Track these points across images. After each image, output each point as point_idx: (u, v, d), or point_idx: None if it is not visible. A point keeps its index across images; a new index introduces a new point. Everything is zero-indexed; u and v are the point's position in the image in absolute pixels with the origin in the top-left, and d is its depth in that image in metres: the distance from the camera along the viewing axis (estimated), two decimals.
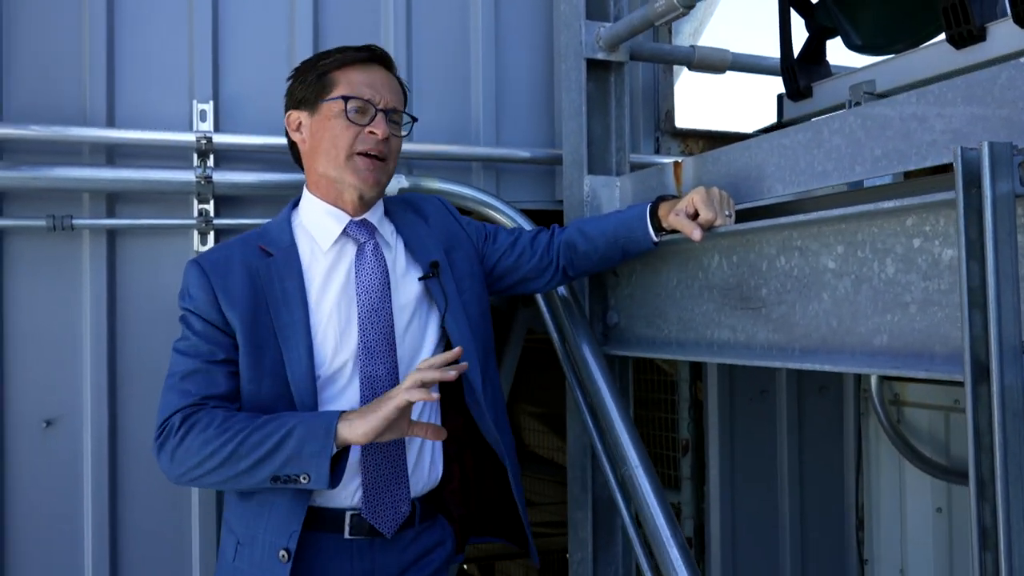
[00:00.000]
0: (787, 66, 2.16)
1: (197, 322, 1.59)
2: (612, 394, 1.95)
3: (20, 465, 2.05)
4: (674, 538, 1.71)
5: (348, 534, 1.61)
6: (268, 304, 1.60)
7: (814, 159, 1.61)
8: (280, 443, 1.47)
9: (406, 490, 1.65)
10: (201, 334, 1.58)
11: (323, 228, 1.68)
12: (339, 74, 1.65)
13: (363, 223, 1.69)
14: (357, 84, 1.64)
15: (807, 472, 2.88)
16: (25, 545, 2.05)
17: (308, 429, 1.47)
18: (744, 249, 1.73)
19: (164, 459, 1.56)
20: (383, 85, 1.67)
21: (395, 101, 1.69)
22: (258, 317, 1.58)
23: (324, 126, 1.65)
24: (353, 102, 1.63)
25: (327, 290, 1.64)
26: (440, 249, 1.76)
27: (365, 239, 1.68)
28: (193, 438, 1.51)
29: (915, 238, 1.37)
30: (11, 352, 2.05)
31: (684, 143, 2.68)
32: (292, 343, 1.58)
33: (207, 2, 2.22)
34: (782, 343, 1.64)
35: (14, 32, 2.07)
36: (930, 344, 1.34)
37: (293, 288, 1.61)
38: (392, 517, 1.64)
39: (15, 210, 2.06)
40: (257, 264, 1.62)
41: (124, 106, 2.15)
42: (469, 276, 1.79)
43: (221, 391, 1.57)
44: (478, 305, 1.79)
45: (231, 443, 1.48)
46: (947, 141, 1.36)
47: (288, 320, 1.59)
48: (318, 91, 1.66)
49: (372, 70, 1.67)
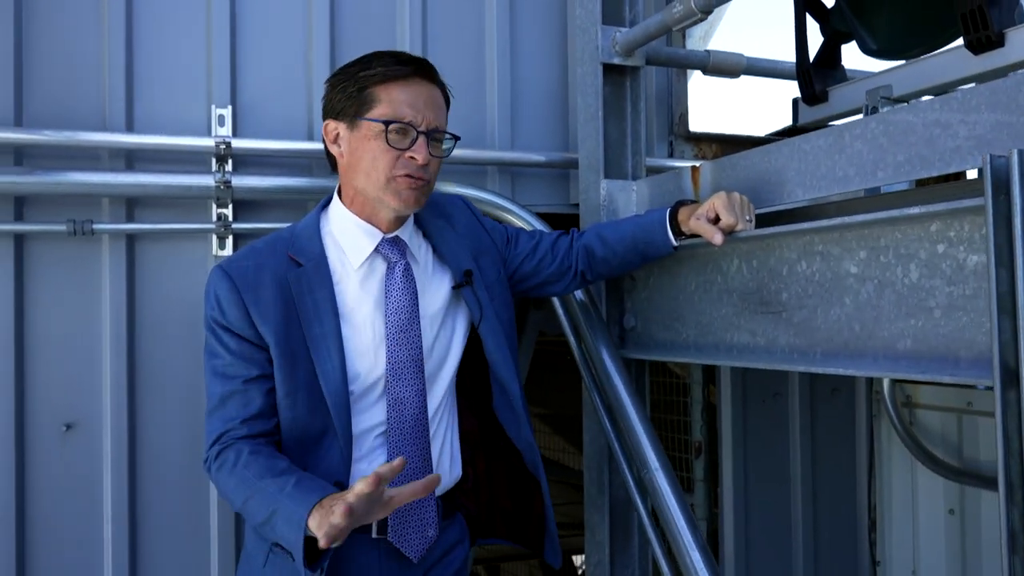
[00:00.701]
0: (803, 70, 2.17)
1: (231, 340, 1.57)
2: (631, 397, 1.96)
3: (40, 468, 2.06)
4: (695, 541, 1.72)
5: (375, 534, 1.63)
6: (300, 316, 1.57)
7: (835, 164, 1.62)
8: (270, 518, 1.44)
9: (432, 513, 1.65)
10: (235, 352, 1.57)
11: (355, 244, 1.64)
12: (380, 90, 1.57)
13: (395, 241, 1.67)
14: (399, 104, 1.57)
15: (819, 474, 2.89)
16: (45, 547, 2.06)
17: (287, 516, 1.41)
18: (764, 253, 1.74)
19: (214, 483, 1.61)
20: (426, 103, 1.59)
21: (437, 120, 1.61)
22: (290, 330, 1.57)
23: (363, 145, 1.59)
24: (394, 126, 1.56)
25: (358, 305, 1.63)
26: (470, 256, 1.75)
27: (396, 259, 1.65)
28: (220, 481, 1.55)
29: (939, 244, 1.38)
30: (31, 356, 2.06)
31: (698, 147, 2.69)
32: (324, 355, 1.57)
33: (225, 8, 2.23)
34: (803, 347, 1.65)
35: (34, 38, 2.08)
36: (955, 349, 1.35)
37: (324, 300, 1.59)
38: (418, 542, 1.64)
39: (35, 215, 2.07)
40: (287, 275, 1.59)
41: (143, 111, 2.17)
42: (497, 282, 1.78)
43: (256, 410, 1.56)
44: (507, 310, 1.79)
45: (240, 499, 1.50)
46: (971, 148, 1.37)
47: (320, 332, 1.58)
48: (358, 105, 1.59)
49: (415, 86, 1.58)
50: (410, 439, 1.62)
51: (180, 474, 2.15)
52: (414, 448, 1.62)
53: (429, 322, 1.68)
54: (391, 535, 1.61)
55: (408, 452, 1.61)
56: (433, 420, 1.68)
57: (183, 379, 2.14)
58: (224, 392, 1.57)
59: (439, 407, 1.70)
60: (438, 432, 1.70)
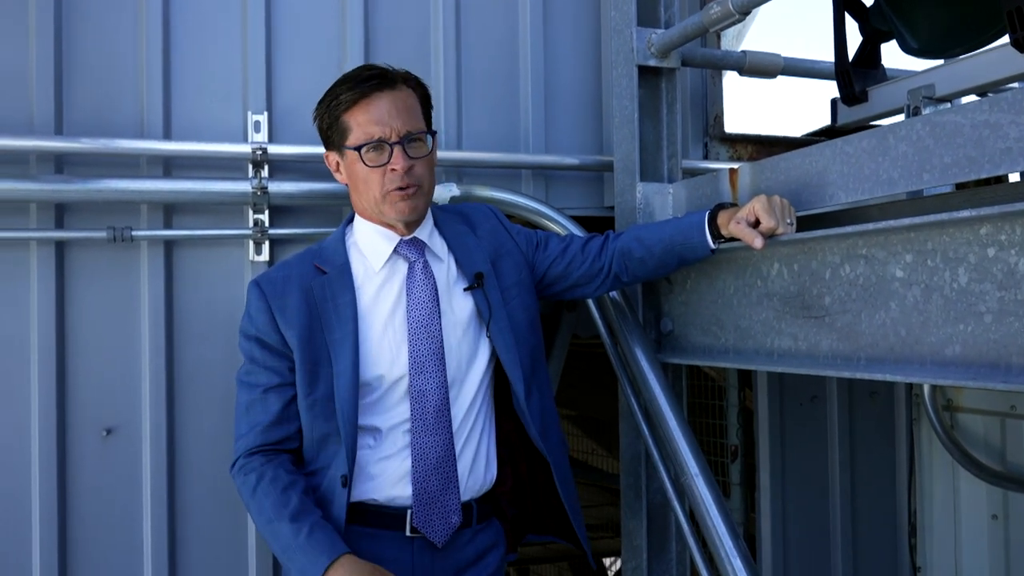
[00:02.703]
0: (842, 70, 2.14)
1: (256, 349, 1.68)
2: (669, 401, 1.95)
3: (81, 472, 2.08)
4: (737, 549, 1.70)
5: (409, 532, 1.67)
6: (322, 320, 1.67)
7: (879, 167, 1.59)
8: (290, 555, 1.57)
9: (456, 500, 1.68)
10: (259, 361, 1.68)
11: (375, 248, 1.73)
12: (348, 117, 1.67)
13: (413, 241, 1.74)
14: (365, 125, 1.65)
15: (859, 478, 2.85)
16: (87, 550, 2.08)
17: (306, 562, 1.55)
18: (805, 257, 1.71)
19: None
20: (390, 114, 1.65)
21: (407, 124, 1.66)
22: (313, 334, 1.66)
23: (353, 170, 1.69)
24: (366, 148, 1.65)
25: (379, 306, 1.70)
26: (486, 260, 1.79)
27: (416, 258, 1.73)
28: (243, 495, 1.67)
29: (989, 247, 1.35)
30: (72, 361, 2.08)
31: (733, 148, 2.66)
32: (340, 356, 1.65)
33: (260, 16, 2.24)
34: (847, 352, 1.62)
35: (73, 50, 2.10)
36: (1006, 355, 1.32)
37: (345, 305, 1.68)
38: (443, 527, 1.67)
39: (75, 222, 2.10)
40: (312, 282, 1.69)
41: (180, 118, 2.18)
42: (516, 285, 1.81)
43: (274, 417, 1.67)
44: (525, 313, 1.80)
45: (259, 525, 1.64)
46: (1022, 149, 1.34)
47: (340, 336, 1.67)
48: (338, 136, 1.69)
49: (376, 101, 1.65)
50: (432, 431, 1.67)
51: (218, 478, 2.16)
52: (436, 440, 1.67)
53: (454, 322, 1.73)
54: (416, 521, 1.66)
55: (430, 444, 1.66)
56: (465, 421, 1.72)
57: (221, 384, 2.15)
58: (246, 401, 1.68)
59: (470, 408, 1.73)
60: (472, 434, 1.74)
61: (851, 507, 2.84)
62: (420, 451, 1.66)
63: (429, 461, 1.66)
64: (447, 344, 1.70)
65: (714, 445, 2.99)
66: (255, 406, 1.67)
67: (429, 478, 1.66)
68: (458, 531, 1.71)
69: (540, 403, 1.79)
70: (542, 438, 1.77)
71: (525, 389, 1.74)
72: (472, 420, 1.74)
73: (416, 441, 1.66)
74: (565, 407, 4.68)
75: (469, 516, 1.73)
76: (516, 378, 1.73)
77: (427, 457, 1.66)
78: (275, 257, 2.22)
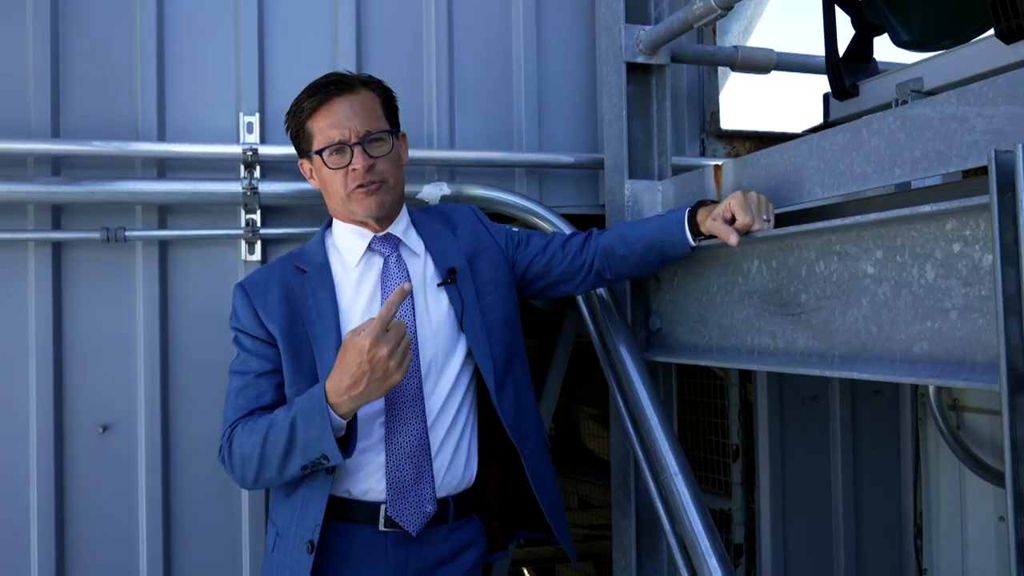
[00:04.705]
0: (832, 64, 2.11)
1: (246, 340, 1.74)
2: (651, 399, 1.94)
3: (78, 468, 2.13)
4: (713, 547, 1.69)
5: (383, 526, 1.69)
6: (303, 316, 1.73)
7: (853, 161, 1.57)
8: (291, 437, 1.59)
9: (430, 490, 1.70)
10: (250, 350, 1.74)
11: (350, 246, 1.80)
12: (311, 124, 1.73)
13: (387, 237, 1.79)
14: (325, 130, 1.71)
15: (862, 479, 2.81)
16: (83, 544, 2.12)
17: (306, 415, 1.58)
18: (783, 254, 1.69)
19: (229, 474, 1.72)
20: (348, 117, 1.71)
21: (366, 125, 1.71)
22: (294, 328, 1.72)
23: (320, 175, 1.77)
24: (327, 152, 1.71)
25: (356, 301, 1.75)
26: (462, 256, 1.82)
27: (389, 252, 1.78)
28: (236, 451, 1.67)
29: (955, 243, 1.32)
30: (69, 359, 2.13)
31: (730, 145, 2.64)
32: (324, 350, 1.70)
33: (253, 19, 2.27)
34: (822, 350, 1.60)
35: (70, 54, 2.15)
36: (971, 352, 1.30)
37: (325, 300, 1.73)
38: (416, 516, 1.69)
39: (72, 222, 2.14)
40: (292, 281, 1.76)
41: (174, 120, 2.22)
42: (493, 281, 1.84)
43: (268, 401, 1.71)
44: (501, 309, 1.83)
45: (258, 448, 1.63)
46: (988, 142, 1.31)
47: (321, 330, 1.72)
48: (305, 143, 1.76)
49: (334, 106, 1.71)
50: (406, 421, 1.69)
51: (212, 473, 2.18)
52: (410, 430, 1.69)
53: (429, 315, 1.75)
54: (390, 510, 1.68)
55: (403, 433, 1.69)
56: (443, 415, 1.74)
57: (214, 380, 2.17)
58: (238, 386, 1.73)
59: (447, 402, 1.75)
60: (452, 430, 1.75)
61: (854, 508, 2.79)
62: (393, 441, 1.69)
63: (402, 451, 1.69)
64: (421, 336, 1.73)
65: (717, 444, 2.96)
66: (247, 389, 1.71)
67: (402, 467, 1.68)
68: (434, 526, 1.72)
69: (515, 398, 1.80)
70: (514, 432, 1.77)
71: (495, 383, 1.76)
72: (452, 415, 1.75)
73: (390, 430, 1.69)
74: (590, 405, 4.66)
75: (446, 512, 1.74)
76: (487, 370, 1.76)
77: (400, 447, 1.69)
78: (267, 256, 2.25)
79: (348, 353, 1.54)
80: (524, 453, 1.79)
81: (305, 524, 1.66)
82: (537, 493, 1.80)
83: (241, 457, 1.66)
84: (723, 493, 2.91)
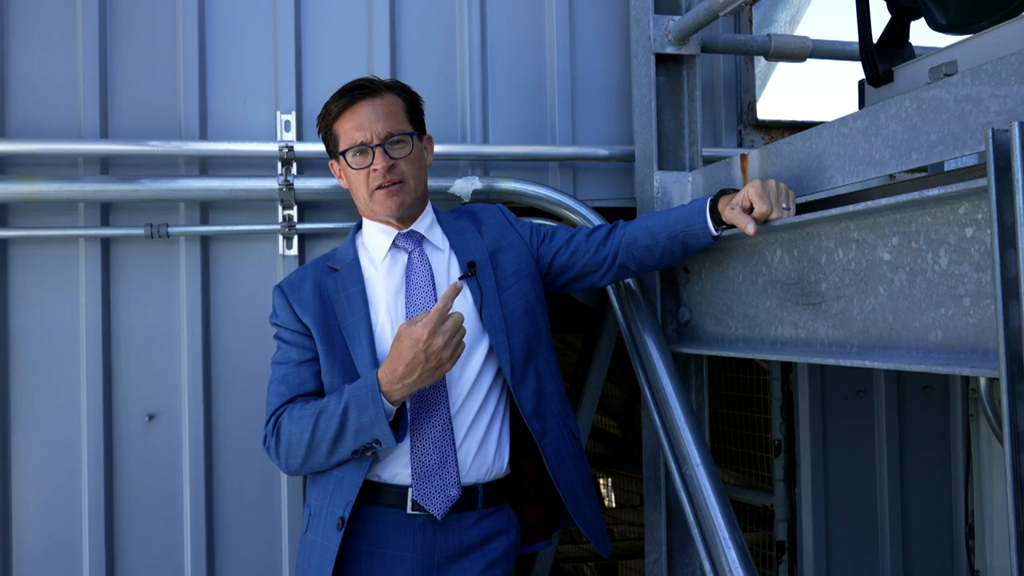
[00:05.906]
0: (866, 51, 2.06)
1: (285, 333, 1.83)
2: (675, 390, 1.93)
3: (126, 454, 2.23)
4: (732, 540, 1.67)
5: (410, 509, 1.73)
6: (335, 309, 1.80)
7: (872, 147, 1.54)
8: (343, 422, 1.65)
9: (453, 474, 1.73)
10: (289, 342, 1.82)
11: (376, 243, 1.87)
12: (337, 127, 1.81)
13: (411, 234, 1.85)
14: (349, 132, 1.78)
15: (910, 476, 2.73)
16: (131, 529, 2.22)
17: (359, 402, 1.64)
18: (804, 242, 1.67)
19: (274, 460, 1.78)
20: (371, 120, 1.77)
21: (387, 127, 1.77)
22: (327, 320, 1.80)
23: (346, 175, 1.85)
24: (351, 153, 1.78)
25: (384, 294, 1.81)
26: (484, 251, 1.86)
27: (412, 247, 1.84)
28: (284, 436, 1.73)
29: (967, 227, 1.29)
30: (117, 351, 2.23)
31: (768, 134, 2.59)
32: (357, 340, 1.77)
33: (290, 21, 2.34)
34: (841, 339, 1.57)
35: (117, 61, 2.26)
36: (984, 339, 1.26)
37: (355, 294, 1.81)
38: (441, 500, 1.72)
39: (121, 219, 2.24)
40: (325, 279, 1.85)
41: (215, 120, 2.31)
42: (515, 274, 1.86)
43: (309, 388, 1.79)
44: (522, 300, 1.85)
45: (307, 433, 1.69)
46: (1002, 123, 1.27)
47: (352, 321, 1.79)
48: (333, 145, 1.84)
49: (358, 109, 1.78)
50: (429, 407, 1.73)
51: (253, 460, 2.27)
52: (433, 416, 1.73)
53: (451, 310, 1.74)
54: (415, 493, 1.72)
55: (427, 420, 1.73)
56: (469, 403, 1.77)
57: (255, 371, 2.25)
58: (280, 375, 1.81)
59: (473, 391, 1.78)
60: (480, 418, 1.78)
61: (901, 506, 2.72)
62: (418, 427, 1.73)
63: (427, 437, 1.73)
64: None
65: (760, 440, 2.92)
66: (288, 378, 1.79)
67: (427, 452, 1.72)
68: (462, 512, 1.75)
69: (536, 388, 1.81)
70: (532, 422, 1.79)
71: (512, 372, 1.78)
72: (478, 405, 1.78)
73: (415, 418, 1.73)
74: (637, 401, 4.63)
75: (474, 499, 1.76)
76: (504, 361, 1.79)
77: (425, 433, 1.73)
78: (304, 250, 2.31)
79: (404, 342, 1.60)
80: (543, 443, 1.80)
81: (337, 502, 1.72)
82: (557, 483, 1.81)
83: (288, 442, 1.72)
84: (768, 488, 2.87)
